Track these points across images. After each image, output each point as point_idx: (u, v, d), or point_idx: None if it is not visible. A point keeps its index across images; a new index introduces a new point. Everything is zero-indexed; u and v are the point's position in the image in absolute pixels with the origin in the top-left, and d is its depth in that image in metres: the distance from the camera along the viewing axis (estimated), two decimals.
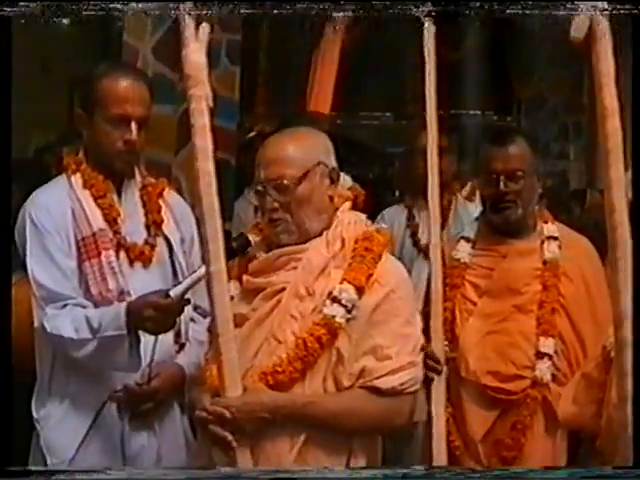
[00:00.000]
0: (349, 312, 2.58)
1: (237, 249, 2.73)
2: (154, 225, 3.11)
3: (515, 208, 3.36)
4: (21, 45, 2.46)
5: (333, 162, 2.72)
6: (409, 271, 2.89)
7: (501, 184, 3.33)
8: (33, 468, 2.79)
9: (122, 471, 2.74)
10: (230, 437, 2.52)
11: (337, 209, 2.72)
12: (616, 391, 2.13)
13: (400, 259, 2.93)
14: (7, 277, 2.52)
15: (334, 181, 2.71)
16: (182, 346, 3.10)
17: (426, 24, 3.07)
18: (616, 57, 1.98)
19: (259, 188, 2.68)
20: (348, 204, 2.76)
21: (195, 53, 2.43)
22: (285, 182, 2.63)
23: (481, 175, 3.43)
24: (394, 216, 4.85)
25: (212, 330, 2.57)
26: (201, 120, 2.45)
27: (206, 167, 2.46)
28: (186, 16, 2.40)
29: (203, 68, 2.45)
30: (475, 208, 4.70)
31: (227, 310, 2.50)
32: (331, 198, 2.71)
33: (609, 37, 1.97)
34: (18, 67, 2.53)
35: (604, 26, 1.97)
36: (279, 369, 2.57)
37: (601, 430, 2.49)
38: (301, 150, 2.67)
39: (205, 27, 2.43)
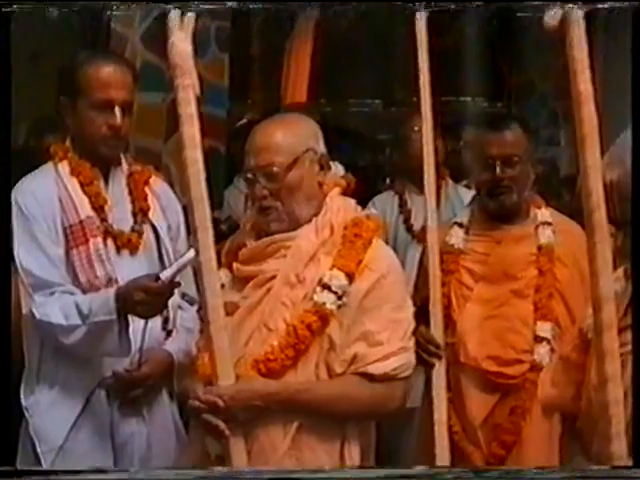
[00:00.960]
0: (340, 298, 2.58)
1: (226, 231, 2.74)
2: (141, 212, 3.11)
3: (510, 194, 3.37)
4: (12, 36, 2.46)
5: (322, 148, 2.71)
6: (403, 257, 2.89)
7: (497, 169, 3.34)
8: (33, 468, 2.80)
9: (124, 471, 2.77)
10: (223, 426, 2.52)
11: (326, 195, 2.72)
12: (595, 373, 2.15)
13: (394, 246, 2.94)
14: (6, 269, 2.53)
15: (324, 167, 2.71)
16: (170, 333, 3.11)
17: (418, 14, 3.07)
18: (590, 44, 2.00)
19: (249, 176, 2.67)
20: (337, 190, 2.75)
21: (181, 42, 2.42)
22: (275, 169, 2.62)
23: (477, 161, 3.43)
24: (385, 203, 4.86)
25: (203, 319, 2.56)
26: (188, 109, 2.44)
27: (194, 155, 2.45)
28: (171, 5, 2.41)
29: (189, 57, 2.43)
30: (466, 192, 4.74)
31: (218, 298, 2.50)
32: (320, 184, 2.70)
33: (582, 24, 1.99)
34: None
35: (577, 13, 1.98)
36: (271, 357, 2.56)
37: (580, 412, 2.51)
38: (290, 137, 2.66)
39: (190, 16, 2.41)
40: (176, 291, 2.91)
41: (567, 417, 2.69)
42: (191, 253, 2.67)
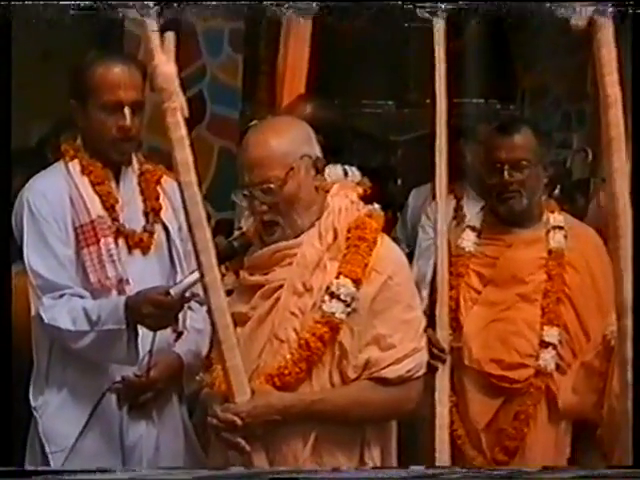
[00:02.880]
0: (348, 306, 2.57)
1: (238, 249, 2.72)
2: (152, 212, 3.10)
3: (519, 198, 3.35)
4: (22, 34, 2.44)
5: (316, 150, 2.67)
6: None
7: (505, 174, 3.33)
8: (33, 468, 2.77)
9: (125, 471, 2.75)
10: (243, 443, 2.53)
11: (328, 191, 2.69)
12: (618, 381, 2.12)
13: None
14: (6, 268, 2.51)
15: (319, 171, 2.66)
16: (180, 334, 3.09)
17: (435, 19, 3.05)
18: (618, 46, 1.96)
19: (245, 192, 2.63)
20: (337, 185, 2.73)
21: (163, 65, 2.38)
22: (271, 186, 2.58)
23: (486, 164, 3.41)
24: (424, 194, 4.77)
25: (214, 337, 2.56)
26: (178, 132, 2.41)
27: (189, 179, 2.42)
28: (149, 27, 2.33)
29: (173, 79, 2.39)
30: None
31: (226, 318, 2.49)
32: (317, 188, 2.67)
33: (611, 25, 1.95)
34: (19, 56, 2.51)
35: (607, 14, 1.95)
36: (285, 371, 2.57)
37: (602, 420, 2.48)
38: (283, 146, 2.61)
39: (170, 36, 2.38)
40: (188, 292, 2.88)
41: (587, 425, 2.67)
42: None
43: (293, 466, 2.56)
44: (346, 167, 3.46)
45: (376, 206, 2.74)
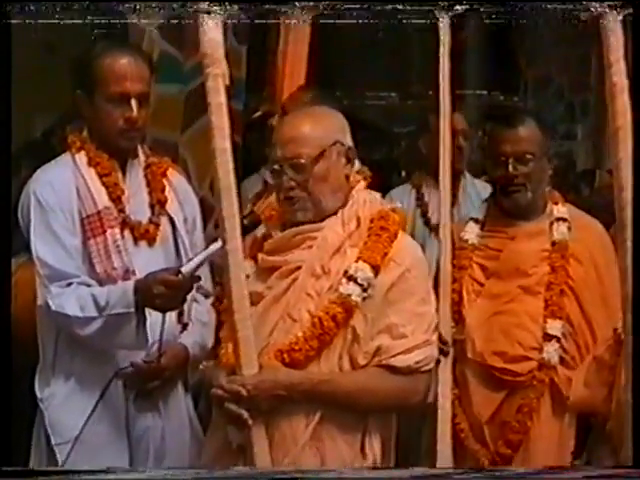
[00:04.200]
0: (365, 291, 2.59)
1: (248, 226, 2.73)
2: (158, 204, 3.11)
3: (525, 191, 3.33)
4: (25, 26, 2.45)
5: (349, 141, 2.73)
6: (422, 251, 2.88)
7: (510, 167, 3.31)
8: (34, 469, 2.78)
9: (125, 471, 2.76)
10: (246, 415, 2.54)
11: (352, 188, 2.73)
12: (625, 373, 2.12)
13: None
14: (7, 261, 2.51)
15: (350, 160, 2.72)
16: (185, 326, 3.10)
17: (441, 20, 3.06)
18: (625, 34, 1.96)
19: (276, 167, 2.68)
20: (363, 183, 2.77)
21: (211, 30, 2.44)
22: (302, 161, 2.63)
23: (490, 157, 3.40)
24: (402, 196, 4.83)
25: (227, 308, 2.57)
26: (218, 98, 2.46)
27: (223, 145, 2.47)
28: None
29: (220, 46, 2.46)
30: (484, 187, 4.70)
31: (243, 288, 2.52)
32: (347, 177, 2.72)
33: (618, 14, 1.95)
34: (22, 49, 2.52)
35: (614, 4, 1.95)
36: (295, 347, 2.58)
37: (611, 413, 2.48)
38: (318, 129, 2.68)
39: (219, 4, 2.43)
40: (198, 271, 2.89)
41: (597, 419, 2.66)
42: (213, 247, 2.66)
43: (292, 449, 2.56)
44: None
45: (399, 204, 2.79)
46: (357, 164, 3.23)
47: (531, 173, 3.32)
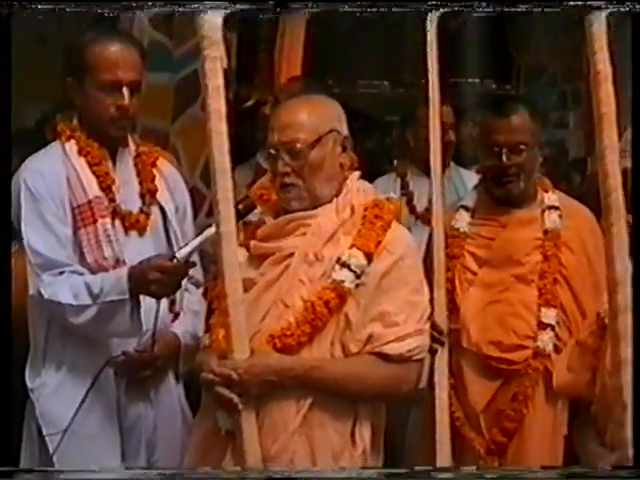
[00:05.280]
0: (358, 277, 2.60)
1: (242, 211, 2.73)
2: (149, 193, 3.10)
3: (517, 181, 3.31)
4: (17, 17, 2.45)
5: (345, 130, 2.75)
6: None
7: (504, 157, 3.29)
8: (33, 468, 2.78)
9: (125, 471, 2.78)
10: (236, 399, 2.54)
11: (347, 177, 2.74)
12: (610, 358, 2.13)
13: None
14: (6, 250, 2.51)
15: (346, 149, 2.73)
16: (177, 315, 3.10)
17: (429, 16, 3.06)
18: (609, 24, 1.97)
19: (272, 152, 2.69)
20: (357, 173, 2.77)
21: (211, 13, 2.45)
22: (298, 146, 2.65)
23: (482, 147, 3.39)
24: (387, 185, 4.84)
25: (219, 293, 2.58)
26: (215, 81, 2.47)
27: (219, 128, 2.48)
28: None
29: (218, 28, 2.46)
30: (469, 175, 4.70)
31: (236, 272, 2.53)
32: (342, 166, 2.73)
33: (602, 3, 1.96)
34: (14, 38, 2.51)
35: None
36: (287, 332, 2.58)
37: (595, 397, 2.49)
38: (315, 116, 2.69)
39: None
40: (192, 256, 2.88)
41: (581, 402, 2.67)
42: (207, 232, 2.67)
43: (282, 435, 2.56)
44: None
45: (394, 195, 2.79)
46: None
47: (524, 163, 3.31)
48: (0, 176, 2.52)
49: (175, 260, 2.76)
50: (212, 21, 2.45)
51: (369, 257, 2.62)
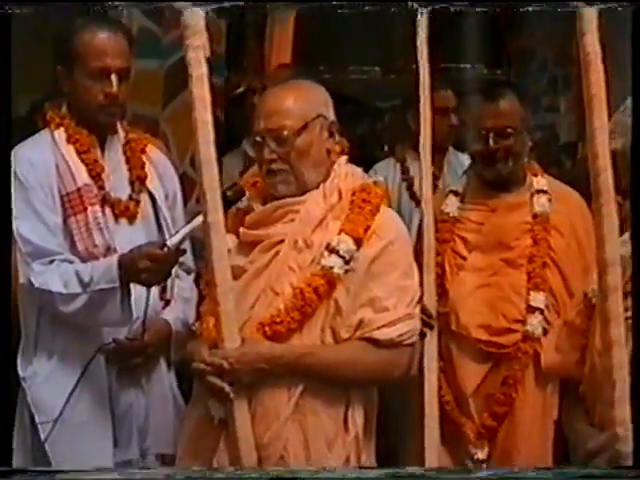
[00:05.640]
0: (347, 263, 2.60)
1: (231, 198, 2.72)
2: (138, 181, 3.09)
3: (505, 162, 3.33)
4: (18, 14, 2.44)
5: (332, 115, 2.73)
6: (408, 224, 2.89)
7: (491, 141, 3.30)
8: (34, 468, 2.77)
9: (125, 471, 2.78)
10: (228, 388, 2.54)
11: (334, 162, 2.73)
12: (600, 338, 2.14)
13: (399, 213, 2.94)
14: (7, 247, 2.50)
15: (333, 134, 2.72)
16: (167, 302, 3.10)
17: (419, 14, 3.11)
18: (598, 5, 1.97)
19: (258, 139, 2.68)
20: (345, 157, 2.76)
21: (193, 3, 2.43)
22: (285, 133, 2.64)
23: (470, 131, 3.40)
24: (386, 170, 4.84)
25: (209, 281, 2.57)
26: (199, 70, 2.46)
27: (204, 117, 2.46)
28: None
29: (201, 17, 2.45)
30: (467, 160, 4.70)
31: (225, 261, 2.52)
32: (328, 152, 2.72)
33: None
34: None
35: None
36: (277, 320, 2.58)
37: (584, 377, 2.50)
38: (301, 102, 2.68)
39: None
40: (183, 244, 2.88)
41: (570, 382, 2.68)
42: (198, 219, 2.65)
43: (274, 422, 2.56)
44: None
45: (380, 178, 2.82)
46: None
47: (512, 146, 3.32)
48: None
49: (166, 248, 2.75)
50: (194, 10, 2.44)
51: (358, 242, 2.61)
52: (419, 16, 3.12)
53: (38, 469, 2.71)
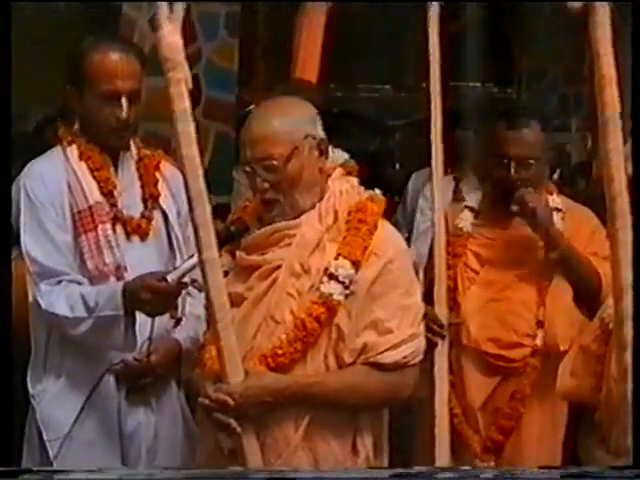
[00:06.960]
0: (347, 288, 2.55)
1: (235, 233, 2.70)
2: (151, 198, 3.07)
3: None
4: (17, 18, 2.44)
5: (320, 132, 2.65)
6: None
7: (512, 170, 3.30)
8: (34, 468, 2.77)
9: (124, 470, 2.76)
10: (234, 424, 2.51)
11: (329, 176, 2.67)
12: (616, 364, 2.12)
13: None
14: (7, 253, 2.50)
15: (323, 152, 2.64)
16: (178, 321, 3.08)
17: (430, 6, 3.10)
18: (614, 26, 1.96)
19: (247, 169, 2.61)
20: (340, 170, 2.71)
21: (170, 35, 2.35)
22: (274, 162, 2.56)
23: (491, 156, 3.39)
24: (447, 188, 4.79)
25: (209, 316, 2.54)
26: (182, 104, 2.38)
27: (190, 152, 2.40)
28: None
29: (180, 50, 2.37)
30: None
31: (223, 296, 2.47)
32: (321, 170, 2.65)
33: (607, 5, 1.95)
34: (13, 40, 2.49)
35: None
36: (279, 351, 2.54)
37: (600, 403, 2.48)
38: (287, 125, 2.59)
39: (178, 6, 2.35)
40: (186, 277, 2.86)
41: (586, 408, 2.67)
42: (196, 258, 2.60)
43: (284, 451, 2.54)
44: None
45: (377, 191, 2.71)
46: (341, 157, 3.20)
47: (532, 177, 3.32)
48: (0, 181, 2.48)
49: (166, 282, 2.73)
50: (172, 42, 2.35)
51: (357, 265, 2.55)
52: (429, 8, 3.11)
53: (38, 469, 2.70)
